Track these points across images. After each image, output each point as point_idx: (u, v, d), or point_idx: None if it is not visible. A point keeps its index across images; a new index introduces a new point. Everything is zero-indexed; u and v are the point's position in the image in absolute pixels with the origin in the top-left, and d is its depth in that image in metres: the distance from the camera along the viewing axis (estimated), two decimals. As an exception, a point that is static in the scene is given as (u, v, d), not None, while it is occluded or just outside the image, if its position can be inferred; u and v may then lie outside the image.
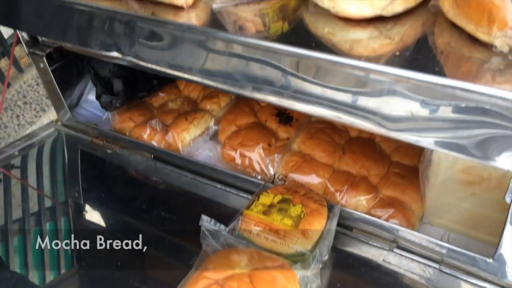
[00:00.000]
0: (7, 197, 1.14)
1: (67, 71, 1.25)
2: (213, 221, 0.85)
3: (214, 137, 1.18)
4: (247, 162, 1.07)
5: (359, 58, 0.55)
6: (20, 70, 2.36)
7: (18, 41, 1.16)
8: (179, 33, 0.68)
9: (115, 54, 0.75)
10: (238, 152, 1.08)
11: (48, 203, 1.13)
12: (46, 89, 1.26)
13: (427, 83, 0.50)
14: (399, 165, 0.99)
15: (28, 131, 2.34)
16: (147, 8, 0.77)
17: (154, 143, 1.16)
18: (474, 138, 0.51)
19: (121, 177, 1.18)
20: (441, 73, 0.53)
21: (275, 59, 0.61)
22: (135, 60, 0.74)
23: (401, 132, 0.54)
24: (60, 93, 1.24)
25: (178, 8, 0.75)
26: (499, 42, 0.54)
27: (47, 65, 1.15)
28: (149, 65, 0.73)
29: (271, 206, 0.88)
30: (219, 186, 1.07)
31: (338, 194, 0.94)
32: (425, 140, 0.53)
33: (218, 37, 0.66)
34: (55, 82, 1.22)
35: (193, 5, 0.75)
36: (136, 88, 1.26)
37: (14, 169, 1.23)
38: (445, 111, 0.50)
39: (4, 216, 1.09)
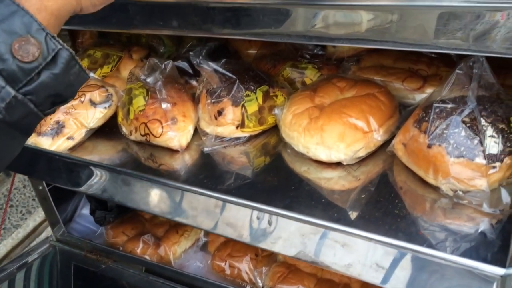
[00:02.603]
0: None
1: (62, 188, 1.32)
2: None
3: (204, 247, 1.25)
4: (236, 272, 1.14)
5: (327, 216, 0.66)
6: (7, 174, 2.43)
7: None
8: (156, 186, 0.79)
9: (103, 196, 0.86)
10: (227, 263, 1.15)
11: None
12: (42, 207, 1.33)
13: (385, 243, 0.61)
14: (377, 271, 1.07)
15: (13, 234, 2.36)
16: (146, 150, 0.88)
17: (146, 256, 1.22)
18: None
19: (114, 291, 1.22)
20: (400, 216, 0.64)
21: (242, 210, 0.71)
22: (121, 202, 0.85)
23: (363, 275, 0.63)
24: (56, 210, 1.31)
25: (174, 151, 0.86)
26: (445, 187, 0.66)
27: (45, 186, 1.23)
28: (135, 206, 0.83)
29: (261, 320, 0.94)
30: (210, 297, 1.12)
31: (323, 303, 1.01)
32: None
33: (188, 190, 0.76)
34: (51, 199, 1.29)
35: (187, 148, 0.87)
36: (128, 202, 1.34)
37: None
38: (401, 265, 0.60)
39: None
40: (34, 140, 0.86)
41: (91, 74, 0.95)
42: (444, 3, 0.51)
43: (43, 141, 0.85)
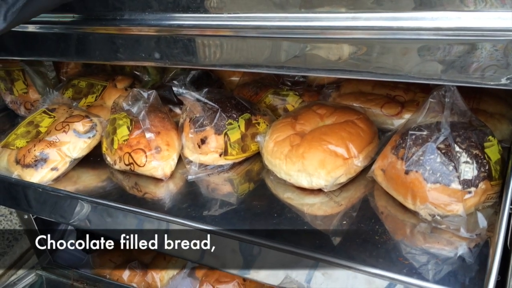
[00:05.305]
0: None
1: (48, 216, 1.32)
2: None
3: (192, 273, 1.24)
4: (224, 298, 1.14)
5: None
6: (-6, 200, 2.40)
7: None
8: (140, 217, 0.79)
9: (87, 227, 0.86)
10: (215, 289, 1.14)
11: None
12: (27, 235, 1.32)
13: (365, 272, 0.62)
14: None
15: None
16: (130, 179, 0.89)
17: (134, 284, 1.21)
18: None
19: (101, 320, 1.21)
20: (380, 242, 0.66)
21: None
22: (107, 234, 0.85)
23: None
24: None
25: (158, 179, 0.87)
26: (423, 212, 0.67)
27: (31, 215, 1.23)
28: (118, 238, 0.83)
29: None
30: (198, 325, 1.12)
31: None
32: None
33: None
34: (37, 229, 1.28)
35: (172, 176, 0.87)
36: (115, 229, 1.33)
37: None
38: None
39: None
40: (18, 172, 0.86)
41: (74, 104, 0.96)
42: (416, 36, 0.53)
43: (27, 172, 0.85)
